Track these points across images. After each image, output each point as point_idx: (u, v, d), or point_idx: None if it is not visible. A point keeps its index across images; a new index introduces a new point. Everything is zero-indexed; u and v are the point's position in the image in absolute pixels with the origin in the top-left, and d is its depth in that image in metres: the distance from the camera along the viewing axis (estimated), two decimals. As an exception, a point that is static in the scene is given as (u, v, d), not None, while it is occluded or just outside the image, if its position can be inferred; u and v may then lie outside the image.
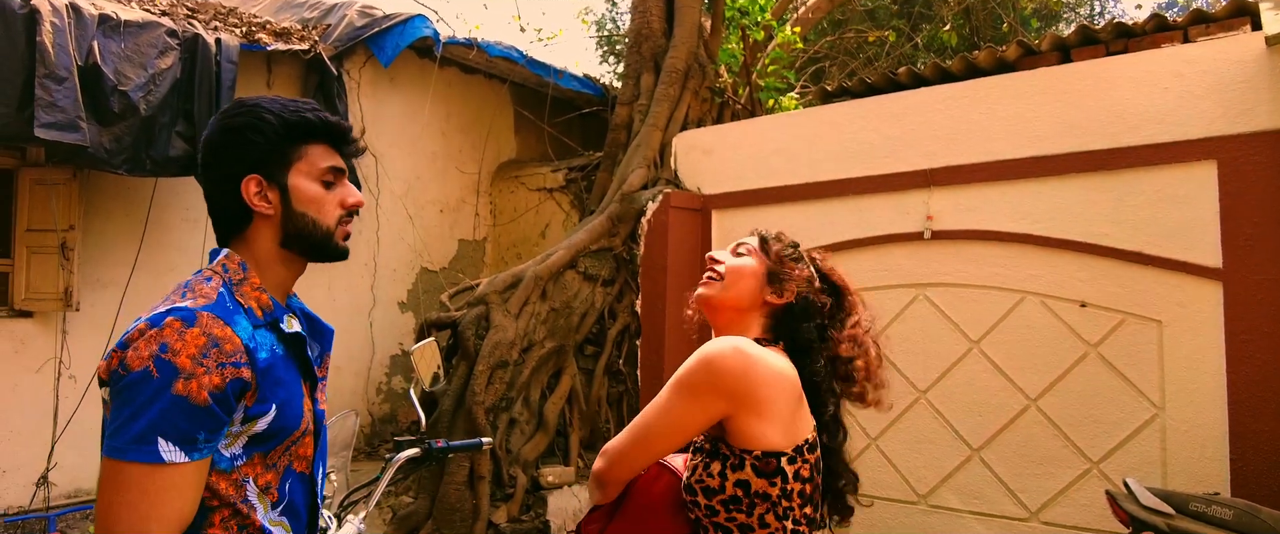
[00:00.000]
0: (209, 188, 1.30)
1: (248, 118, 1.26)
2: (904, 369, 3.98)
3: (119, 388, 1.09)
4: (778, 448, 1.37)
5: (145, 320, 1.13)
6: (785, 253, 1.58)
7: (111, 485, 1.09)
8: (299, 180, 1.28)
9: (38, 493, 4.63)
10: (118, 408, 1.09)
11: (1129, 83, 3.48)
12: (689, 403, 1.39)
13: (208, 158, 1.29)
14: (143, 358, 1.09)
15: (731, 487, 1.37)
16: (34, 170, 4.70)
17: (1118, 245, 3.46)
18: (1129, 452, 3.41)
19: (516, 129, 7.60)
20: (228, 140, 1.27)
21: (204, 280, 1.22)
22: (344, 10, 6.13)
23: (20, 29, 4.03)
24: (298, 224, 1.28)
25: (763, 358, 1.39)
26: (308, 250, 1.31)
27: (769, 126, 4.83)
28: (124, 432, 1.07)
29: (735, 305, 1.55)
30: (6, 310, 4.69)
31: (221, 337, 1.14)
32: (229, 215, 1.28)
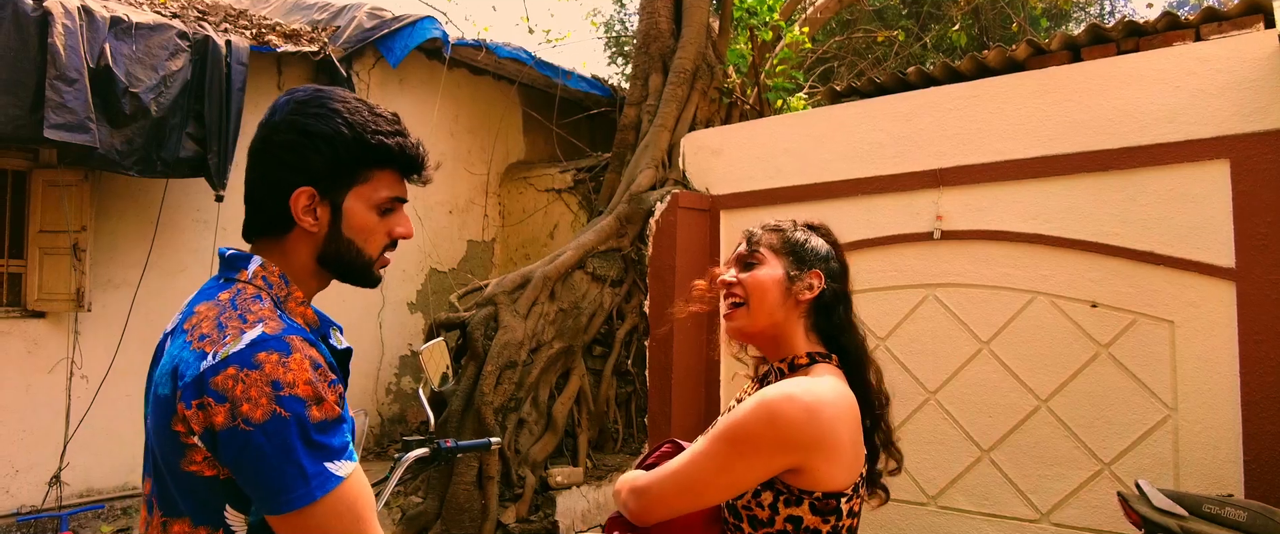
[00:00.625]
0: (255, 178, 1.17)
1: (324, 124, 1.13)
2: (913, 370, 3.97)
3: (252, 443, 0.99)
4: (840, 489, 1.30)
5: (231, 363, 1.01)
6: (794, 240, 1.47)
7: (320, 526, 1.02)
8: (355, 204, 1.17)
9: (50, 492, 4.67)
10: (267, 461, 0.99)
11: (1140, 82, 3.46)
12: (749, 460, 1.26)
13: (264, 149, 1.16)
14: (262, 404, 0.99)
15: (782, 521, 1.29)
16: (46, 172, 4.73)
17: (1129, 245, 3.44)
18: (1141, 453, 3.38)
19: (525, 130, 7.62)
20: (294, 141, 1.13)
21: (252, 298, 1.11)
22: (353, 12, 6.16)
23: (33, 31, 4.06)
24: (340, 248, 1.18)
25: (827, 400, 1.28)
26: (340, 273, 1.22)
27: (777, 127, 4.82)
28: (296, 478, 1.00)
29: (770, 324, 1.43)
30: (19, 311, 4.72)
31: (315, 358, 1.07)
32: (267, 215, 1.17)
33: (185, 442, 1.05)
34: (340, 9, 6.27)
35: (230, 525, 1.09)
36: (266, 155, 1.16)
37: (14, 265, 4.77)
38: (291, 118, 1.14)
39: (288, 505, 1.01)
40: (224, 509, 1.08)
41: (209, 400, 1.01)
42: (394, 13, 6.17)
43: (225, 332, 1.05)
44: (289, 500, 1.01)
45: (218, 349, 1.03)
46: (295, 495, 1.00)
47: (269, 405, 1.00)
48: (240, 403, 1.00)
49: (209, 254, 5.30)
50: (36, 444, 4.69)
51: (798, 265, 1.43)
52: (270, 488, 1.01)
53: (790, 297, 1.41)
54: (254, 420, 0.99)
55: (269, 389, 1.00)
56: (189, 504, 1.09)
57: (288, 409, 1.00)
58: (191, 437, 1.04)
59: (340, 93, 1.19)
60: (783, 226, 1.50)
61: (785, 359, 1.43)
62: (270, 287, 1.15)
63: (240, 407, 1.00)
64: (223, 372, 1.01)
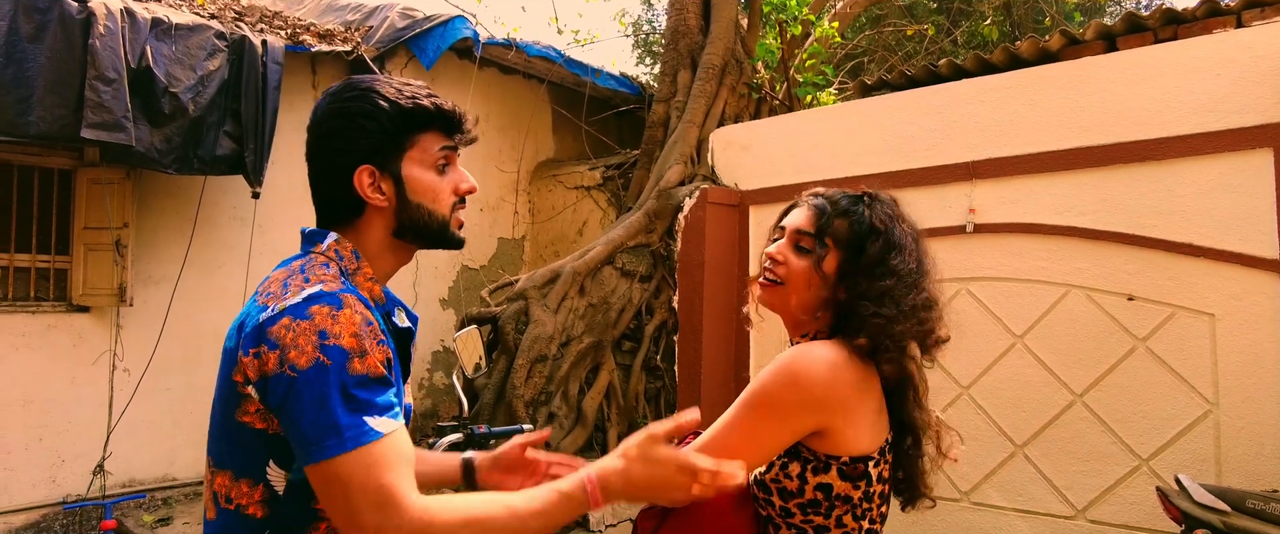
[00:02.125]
0: (317, 173, 1.22)
1: (362, 103, 1.18)
2: (946, 365, 3.92)
3: (295, 389, 1.02)
4: (866, 453, 1.28)
5: (286, 313, 1.06)
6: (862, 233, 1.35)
7: (349, 477, 1.01)
8: (413, 169, 1.21)
9: (94, 481, 4.79)
10: (306, 408, 1.02)
11: (1179, 70, 3.39)
12: (775, 423, 1.25)
13: (316, 144, 1.21)
14: (307, 351, 1.03)
15: (811, 490, 1.28)
16: (91, 170, 4.86)
17: (1167, 237, 3.38)
18: (1181, 449, 3.32)
19: (554, 128, 7.66)
20: (340, 126, 1.18)
21: (321, 265, 1.15)
22: (386, 12, 6.24)
23: (78, 33, 4.18)
24: (413, 215, 1.21)
25: (845, 362, 1.27)
26: (423, 241, 1.25)
27: (807, 121, 4.80)
28: (330, 427, 1.01)
29: (800, 308, 1.40)
30: (65, 306, 4.86)
31: (368, 317, 1.10)
32: (338, 204, 1.21)
33: (242, 391, 1.09)
34: (373, 9, 6.35)
35: (270, 481, 1.11)
36: (319, 148, 1.21)
37: (60, 261, 4.91)
38: (331, 107, 1.20)
39: (320, 454, 1.02)
40: (267, 464, 1.11)
41: (264, 348, 1.05)
42: (425, 13, 6.24)
43: (288, 289, 1.10)
44: (321, 449, 1.02)
45: (278, 303, 1.08)
46: (327, 444, 1.01)
47: (313, 353, 1.03)
48: (289, 349, 1.04)
49: (245, 250, 5.40)
50: (81, 435, 4.81)
51: (852, 262, 1.35)
52: (306, 436, 1.03)
53: (832, 290, 1.36)
54: (299, 367, 1.03)
55: (315, 338, 1.04)
56: (235, 456, 1.12)
57: (330, 357, 1.03)
58: (247, 386, 1.08)
59: (369, 76, 1.24)
60: (854, 213, 1.38)
61: (807, 334, 1.43)
62: (341, 258, 1.19)
63: (288, 353, 1.04)
64: (279, 322, 1.06)
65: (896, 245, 1.36)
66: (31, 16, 4.09)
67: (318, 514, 1.12)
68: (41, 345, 4.73)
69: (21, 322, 4.68)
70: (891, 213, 1.40)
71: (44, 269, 4.89)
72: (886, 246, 1.35)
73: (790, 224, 1.44)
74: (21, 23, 4.06)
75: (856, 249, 1.35)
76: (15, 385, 4.63)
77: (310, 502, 1.11)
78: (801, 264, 1.38)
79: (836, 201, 1.40)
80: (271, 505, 1.11)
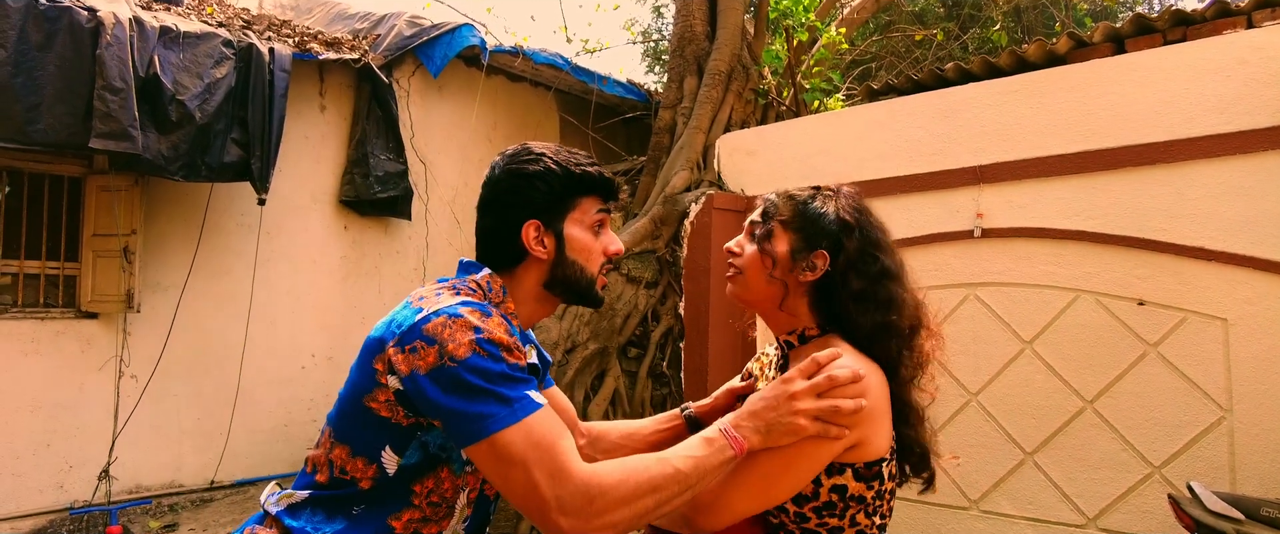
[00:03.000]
0: (488, 224, 1.36)
1: (538, 165, 1.33)
2: (954, 371, 3.88)
3: (457, 377, 1.12)
4: (881, 455, 1.28)
5: (440, 313, 1.17)
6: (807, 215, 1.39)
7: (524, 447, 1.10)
8: (574, 229, 1.35)
9: (100, 487, 4.80)
10: (471, 393, 1.11)
11: (1188, 72, 3.35)
12: (815, 447, 1.22)
13: (491, 196, 1.36)
14: (466, 343, 1.13)
15: (827, 492, 1.27)
16: (100, 178, 4.89)
17: (1177, 241, 3.32)
18: (1194, 456, 3.26)
19: (561, 135, 7.67)
20: (516, 184, 1.33)
21: (470, 288, 1.29)
22: (393, 21, 6.28)
23: (87, 42, 4.21)
24: (567, 271, 1.34)
25: (868, 370, 1.27)
26: (569, 295, 1.37)
27: (814, 126, 4.77)
28: (498, 405, 1.11)
29: (765, 298, 1.41)
30: (74, 312, 4.88)
31: (510, 329, 1.21)
32: (501, 251, 1.34)
33: (379, 379, 1.19)
34: (381, 18, 6.39)
35: (383, 463, 1.22)
36: (495, 203, 1.35)
37: (69, 268, 4.94)
38: (509, 167, 1.35)
39: (492, 426, 1.10)
40: (383, 448, 1.22)
41: (419, 344, 1.15)
42: (433, 21, 6.27)
43: (440, 296, 1.23)
44: (490, 425, 1.10)
45: (433, 306, 1.20)
46: (497, 418, 1.11)
47: (470, 345, 1.14)
48: (446, 343, 1.14)
49: (252, 257, 5.42)
50: (88, 441, 4.83)
51: (805, 243, 1.38)
52: (471, 416, 1.11)
53: (791, 275, 1.38)
54: (459, 357, 1.13)
55: (471, 333, 1.15)
56: (356, 435, 1.23)
57: (486, 349, 1.14)
58: (387, 376, 1.18)
59: (542, 143, 1.40)
60: (798, 196, 1.43)
61: (794, 331, 1.41)
62: (490, 290, 1.32)
63: (447, 347, 1.14)
64: (433, 321, 1.17)
65: (876, 242, 1.38)
66: (41, 25, 4.13)
67: (412, 499, 1.24)
68: (50, 351, 4.75)
69: (31, 327, 4.71)
70: (859, 205, 1.42)
71: (53, 276, 4.92)
72: (866, 242, 1.37)
73: (747, 220, 1.49)
74: (31, 31, 4.10)
75: (818, 233, 1.37)
76: (24, 391, 4.65)
77: (412, 485, 1.23)
78: (752, 249, 1.43)
79: (784, 192, 1.46)
80: (379, 483, 1.23)
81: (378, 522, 1.23)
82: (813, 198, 1.43)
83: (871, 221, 1.41)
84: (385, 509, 1.23)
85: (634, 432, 1.64)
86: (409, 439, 1.21)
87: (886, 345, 1.33)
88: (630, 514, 1.12)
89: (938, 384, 1.45)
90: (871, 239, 1.38)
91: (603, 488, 1.10)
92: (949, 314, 3.95)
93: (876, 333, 1.33)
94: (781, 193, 1.47)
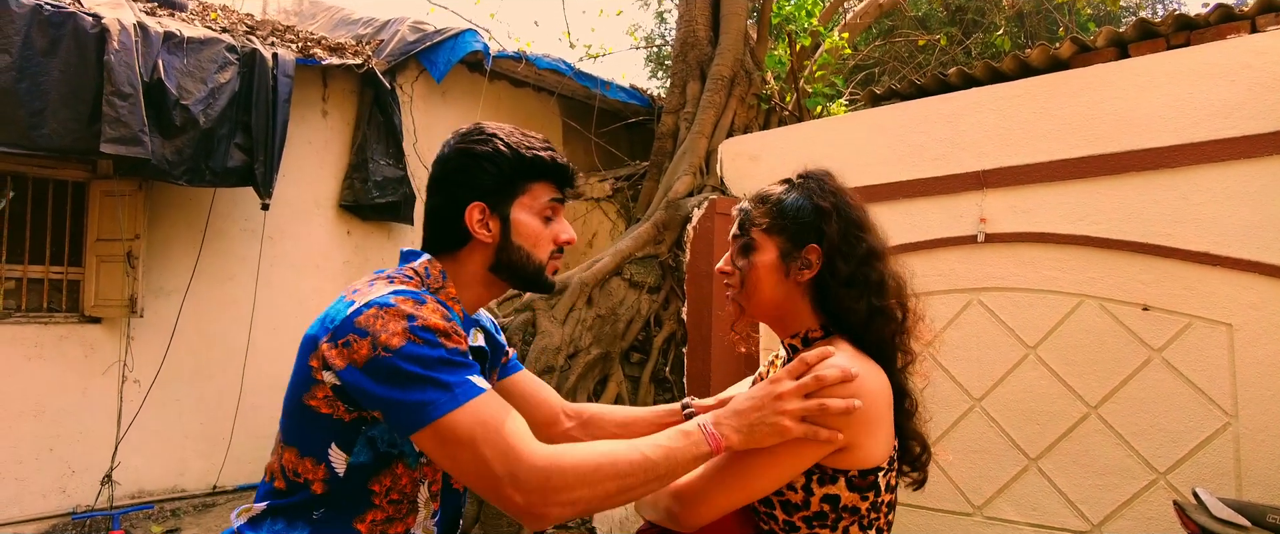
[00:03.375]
0: (435, 203, 1.33)
1: (487, 146, 1.29)
2: (958, 376, 3.87)
3: (391, 367, 1.08)
4: (877, 463, 1.22)
5: (371, 305, 1.13)
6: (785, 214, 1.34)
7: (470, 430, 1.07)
8: (521, 214, 1.31)
9: (102, 492, 4.80)
10: (408, 382, 1.08)
11: (1193, 76, 3.34)
12: (797, 446, 1.18)
13: (440, 175, 1.32)
14: (399, 333, 1.10)
15: (818, 502, 1.22)
16: (104, 183, 4.90)
17: (1182, 246, 3.31)
18: (1199, 462, 3.24)
19: (564, 140, 7.67)
20: (463, 164, 1.30)
21: (406, 277, 1.25)
22: (396, 26, 6.29)
23: (92, 48, 4.22)
24: (512, 255, 1.31)
25: (866, 373, 1.22)
26: (516, 280, 1.34)
27: (816, 131, 4.77)
28: (439, 391, 1.08)
29: (770, 307, 1.36)
30: (77, 316, 4.89)
31: (447, 314, 1.18)
32: (445, 233, 1.31)
33: (315, 377, 1.16)
34: (384, 23, 6.40)
35: (331, 462, 1.19)
36: (444, 182, 1.32)
37: (73, 272, 4.95)
38: (459, 147, 1.32)
39: (434, 412, 1.07)
40: (329, 446, 1.19)
41: (352, 337, 1.12)
42: (436, 26, 6.28)
43: (374, 287, 1.20)
44: (432, 411, 1.07)
45: (363, 299, 1.16)
46: (438, 404, 1.08)
47: (405, 334, 1.10)
48: (379, 334, 1.10)
49: (255, 261, 5.42)
50: (91, 446, 4.83)
51: (793, 242, 1.32)
52: (411, 405, 1.08)
53: (789, 279, 1.32)
54: (392, 347, 1.09)
55: (404, 322, 1.11)
56: (302, 436, 1.21)
57: (422, 336, 1.11)
58: (322, 373, 1.15)
59: (496, 123, 1.36)
60: (770, 196, 1.37)
61: (798, 334, 1.36)
62: (428, 276, 1.28)
63: (379, 338, 1.10)
64: (364, 313, 1.13)
65: (857, 222, 1.33)
66: (46, 31, 4.14)
67: (372, 499, 1.21)
68: (54, 356, 4.76)
69: (34, 332, 4.71)
70: (831, 186, 1.37)
71: (57, 280, 4.93)
72: (846, 223, 1.32)
73: (729, 235, 1.44)
74: (36, 37, 4.11)
75: (801, 228, 1.32)
76: (27, 396, 4.65)
77: (369, 485, 1.20)
78: (742, 263, 1.37)
79: (758, 194, 1.40)
80: (331, 484, 1.19)
81: (342, 525, 1.20)
82: (786, 193, 1.37)
83: (848, 201, 1.36)
84: (347, 512, 1.20)
85: (631, 421, 1.59)
86: (354, 435, 1.18)
87: (882, 331, 1.29)
88: (591, 495, 1.09)
89: (928, 375, 1.41)
90: (852, 219, 1.33)
91: (561, 467, 1.08)
92: (953, 319, 3.93)
93: (871, 319, 1.28)
94: (753, 196, 1.41)
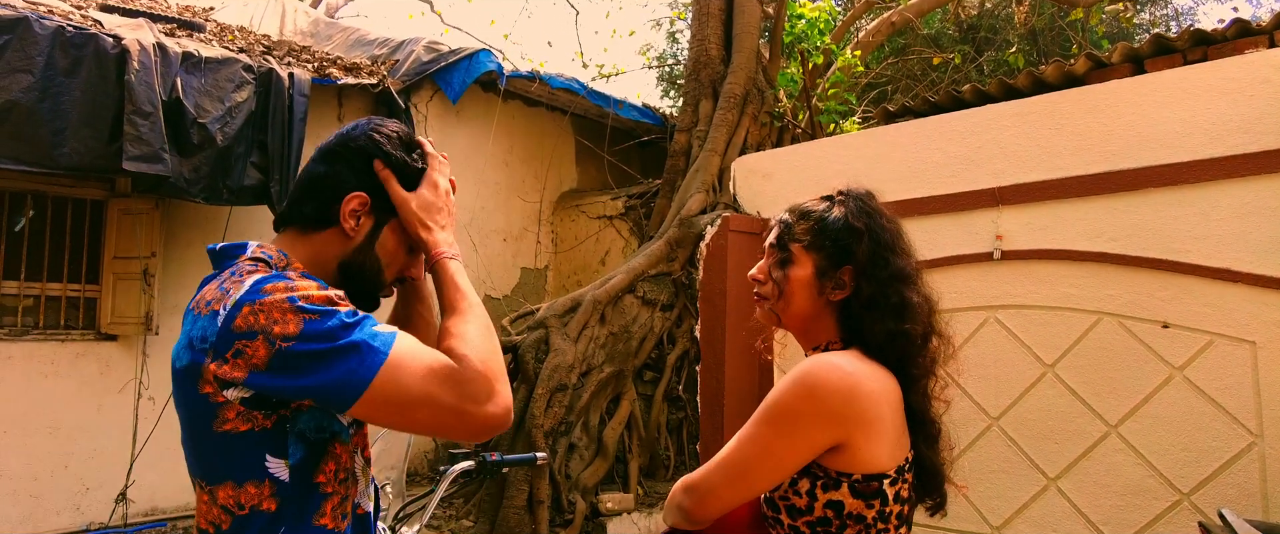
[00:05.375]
0: (319, 170, 1.23)
1: (400, 151, 1.24)
2: (975, 395, 3.83)
3: (294, 354, 1.02)
4: (882, 470, 1.23)
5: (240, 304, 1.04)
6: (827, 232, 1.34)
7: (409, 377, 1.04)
8: (392, 234, 1.24)
9: (117, 509, 4.80)
10: (319, 363, 1.02)
11: (1210, 92, 3.32)
12: (791, 436, 1.20)
13: (338, 147, 1.23)
14: (286, 319, 1.02)
15: (821, 508, 1.23)
16: (122, 201, 4.95)
17: (1202, 262, 3.27)
18: (1224, 482, 3.18)
19: (577, 159, 7.70)
20: (370, 149, 1.22)
21: (248, 268, 1.13)
22: (412, 46, 6.34)
23: (112, 68, 4.28)
24: (366, 262, 1.24)
25: (866, 373, 1.23)
26: (357, 285, 1.26)
27: (830, 148, 4.77)
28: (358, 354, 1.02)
29: (798, 319, 1.37)
30: (94, 334, 4.92)
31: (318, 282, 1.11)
32: (315, 207, 1.21)
33: (215, 401, 1.07)
34: (399, 44, 6.46)
35: (273, 473, 1.11)
36: (338, 154, 1.23)
37: (90, 290, 4.98)
38: (372, 133, 1.24)
39: (365, 375, 1.03)
40: (264, 460, 1.10)
41: (241, 343, 1.03)
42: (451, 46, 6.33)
43: (228, 291, 1.08)
44: (364, 371, 1.03)
45: (226, 302, 1.06)
46: (368, 364, 1.03)
47: (295, 317, 1.03)
48: (271, 328, 1.02)
49: (271, 280, 5.45)
50: (106, 463, 4.84)
51: (830, 261, 1.33)
52: (339, 379, 1.03)
53: (821, 297, 1.34)
54: (291, 334, 1.02)
55: (288, 304, 1.03)
56: (230, 466, 1.10)
57: (312, 310, 1.04)
58: (223, 394, 1.06)
59: (419, 137, 1.30)
60: (812, 213, 1.39)
61: (818, 346, 1.38)
62: (269, 258, 1.17)
63: (273, 330, 1.02)
64: (239, 315, 1.04)
65: (887, 245, 1.34)
66: (67, 51, 4.20)
67: (323, 489, 1.15)
68: (70, 373, 4.78)
69: (52, 349, 4.74)
70: (868, 207, 1.38)
71: (74, 298, 4.96)
72: (876, 246, 1.33)
73: (766, 243, 1.45)
74: (58, 57, 4.17)
75: (839, 248, 1.33)
76: (44, 412, 4.68)
77: (313, 478, 1.13)
78: (778, 275, 1.38)
79: (799, 208, 1.41)
80: (281, 496, 1.12)
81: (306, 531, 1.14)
82: (828, 210, 1.38)
83: (881, 224, 1.36)
84: (307, 514, 1.13)
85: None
86: (282, 437, 1.10)
87: (900, 354, 1.29)
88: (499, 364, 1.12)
89: (950, 398, 1.41)
90: (881, 241, 1.34)
91: (480, 355, 1.09)
92: (969, 338, 3.90)
93: (889, 341, 1.28)
94: (794, 209, 1.42)
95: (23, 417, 4.60)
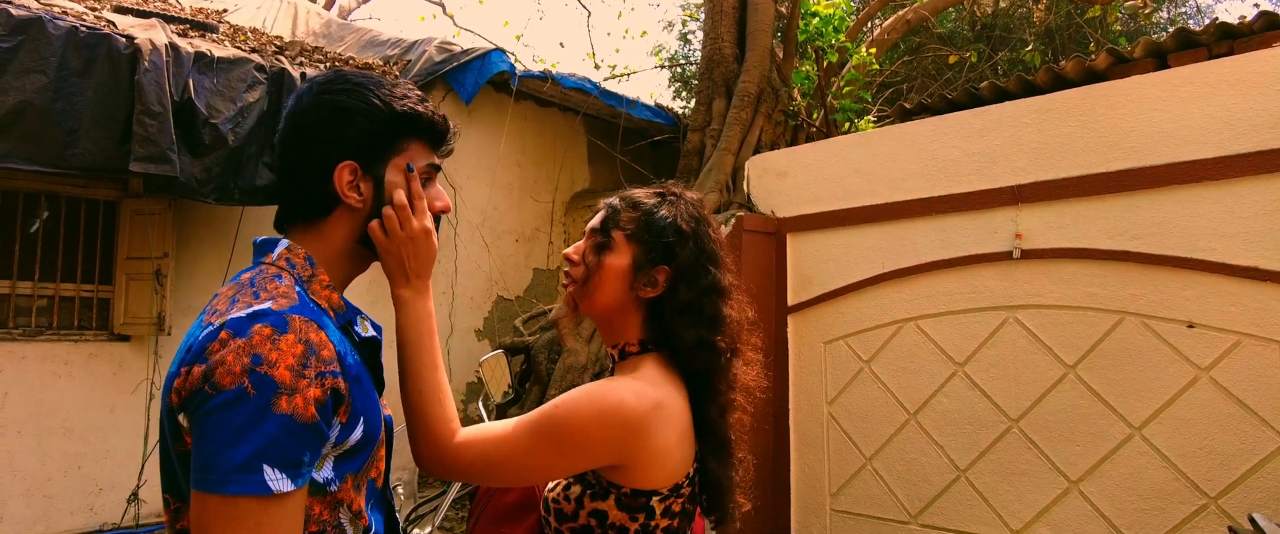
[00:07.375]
0: (291, 165, 1.14)
1: (355, 99, 1.12)
2: (994, 396, 3.76)
3: (207, 410, 0.92)
4: (652, 487, 1.21)
5: (225, 327, 0.96)
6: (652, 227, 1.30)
7: (215, 523, 0.91)
8: (396, 176, 1.15)
9: (129, 510, 4.80)
10: (209, 433, 0.91)
11: (1237, 86, 3.24)
12: (570, 457, 1.16)
13: (298, 133, 1.13)
14: (234, 374, 0.92)
15: (585, 515, 1.21)
16: (135, 201, 4.96)
17: (1229, 260, 3.20)
18: (1253, 486, 3.10)
19: (589, 159, 7.67)
20: (329, 119, 1.11)
21: (272, 277, 1.07)
22: (423, 47, 6.33)
23: (125, 68, 4.28)
24: None
25: (666, 399, 1.21)
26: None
27: (846, 146, 4.71)
28: (222, 460, 0.90)
29: (604, 309, 1.33)
30: (107, 334, 4.93)
31: (317, 343, 0.99)
32: (307, 200, 1.13)
33: (178, 419, 0.98)
34: (411, 44, 6.46)
35: None
36: (303, 140, 1.13)
37: (103, 291, 4.99)
38: (321, 98, 1.13)
39: (199, 483, 0.92)
40: None
41: (195, 364, 0.95)
42: (462, 46, 6.32)
43: (234, 304, 1.01)
44: (205, 478, 0.91)
45: (222, 318, 0.98)
46: (210, 477, 0.91)
47: (240, 376, 0.92)
48: (217, 367, 0.93)
49: (283, 280, 5.45)
50: (119, 464, 4.85)
51: (649, 257, 1.30)
52: (200, 459, 0.92)
53: (631, 291, 1.30)
54: (222, 386, 0.92)
55: (248, 361, 0.93)
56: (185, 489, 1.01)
57: (256, 387, 0.92)
58: (180, 413, 0.98)
59: (359, 71, 1.19)
60: (642, 204, 1.34)
61: (618, 345, 1.34)
62: (293, 267, 1.10)
63: (214, 371, 0.93)
64: (217, 337, 0.96)
65: (710, 255, 1.32)
66: (81, 52, 4.20)
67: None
68: (83, 374, 4.79)
69: (65, 350, 4.75)
70: (698, 214, 1.35)
71: (87, 298, 4.98)
72: (700, 253, 1.31)
73: (588, 226, 1.40)
74: (71, 58, 4.18)
75: (661, 246, 1.30)
76: (57, 413, 4.69)
77: None
78: (592, 260, 1.32)
79: (630, 197, 1.37)
80: None
81: None
82: (658, 205, 1.34)
83: (707, 232, 1.34)
84: None
85: None
86: None
87: (704, 364, 1.27)
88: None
89: (751, 410, 1.39)
90: (706, 251, 1.32)
91: None
92: (988, 338, 3.83)
93: (696, 350, 1.26)
94: (625, 197, 1.38)
95: (36, 417, 4.61)
